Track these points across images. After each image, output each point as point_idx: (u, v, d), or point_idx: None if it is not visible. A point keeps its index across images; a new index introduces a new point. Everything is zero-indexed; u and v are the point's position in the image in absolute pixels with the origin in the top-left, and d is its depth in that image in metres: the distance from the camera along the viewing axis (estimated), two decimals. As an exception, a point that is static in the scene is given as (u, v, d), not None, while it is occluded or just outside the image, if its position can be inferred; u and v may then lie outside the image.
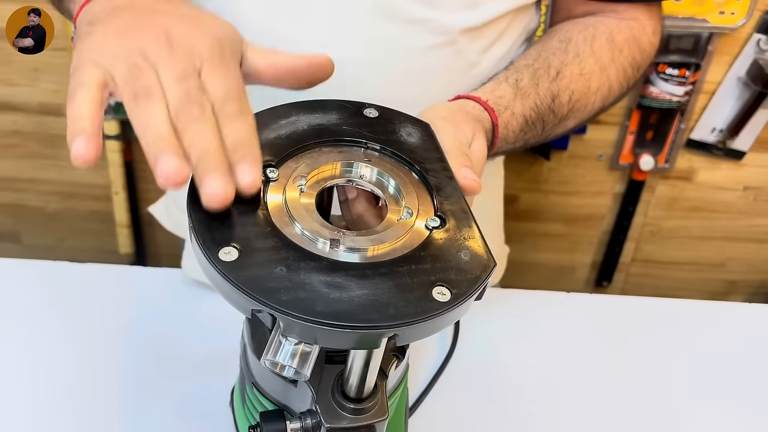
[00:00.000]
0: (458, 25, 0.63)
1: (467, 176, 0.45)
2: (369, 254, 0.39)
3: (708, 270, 1.63)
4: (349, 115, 0.46)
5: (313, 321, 0.33)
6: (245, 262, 0.35)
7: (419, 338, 0.37)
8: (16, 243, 1.56)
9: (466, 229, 0.41)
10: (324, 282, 0.35)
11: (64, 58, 1.29)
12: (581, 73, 0.65)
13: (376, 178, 0.44)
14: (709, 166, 1.47)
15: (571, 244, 1.60)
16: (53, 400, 0.66)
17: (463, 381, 0.71)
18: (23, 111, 1.37)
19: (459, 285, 0.37)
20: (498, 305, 0.80)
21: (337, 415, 0.41)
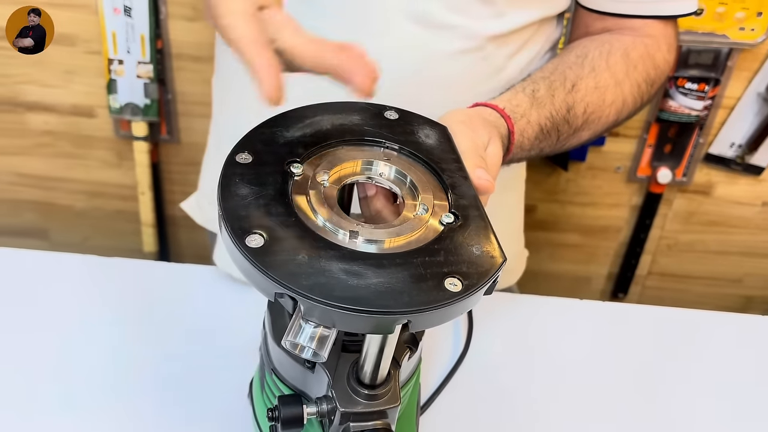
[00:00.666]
0: (486, 32, 0.66)
1: (481, 176, 0.48)
2: (386, 246, 0.41)
3: (725, 285, 1.63)
4: (371, 116, 0.49)
5: (331, 305, 0.36)
6: (270, 249, 0.38)
7: (431, 326, 0.39)
8: (45, 240, 1.61)
9: (479, 226, 0.43)
10: (343, 269, 0.38)
11: (97, 62, 1.33)
12: (596, 87, 0.67)
13: (395, 176, 0.47)
14: (727, 181, 1.47)
15: (588, 256, 1.60)
16: (81, 389, 0.69)
17: (475, 382, 0.73)
18: (56, 112, 1.41)
19: (470, 277, 0.39)
20: (512, 310, 0.82)
21: (352, 401, 0.43)
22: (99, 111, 1.41)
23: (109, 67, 1.33)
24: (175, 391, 0.69)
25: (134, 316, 0.76)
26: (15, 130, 1.44)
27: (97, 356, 0.72)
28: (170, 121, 1.41)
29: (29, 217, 1.58)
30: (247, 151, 0.44)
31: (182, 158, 1.47)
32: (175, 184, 1.51)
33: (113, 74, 1.33)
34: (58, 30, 1.30)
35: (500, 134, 0.57)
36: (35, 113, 1.42)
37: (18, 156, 1.48)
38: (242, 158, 0.43)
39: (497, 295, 0.84)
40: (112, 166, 1.48)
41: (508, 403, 0.71)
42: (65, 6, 1.28)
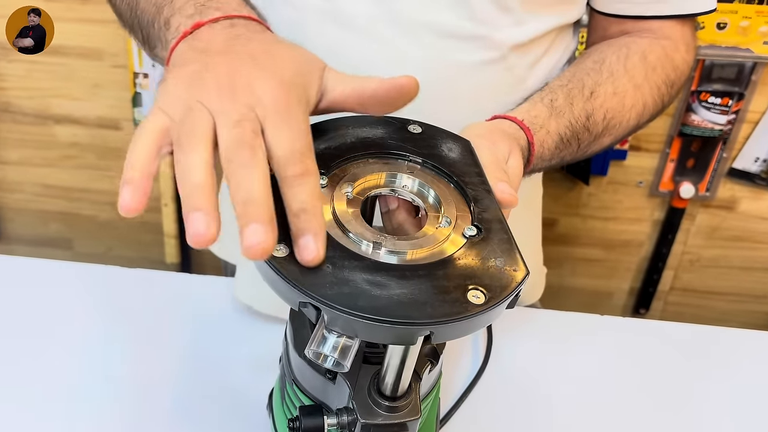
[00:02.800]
0: (508, 41, 0.66)
1: (504, 190, 0.48)
2: (408, 257, 0.41)
3: (749, 301, 1.60)
4: (394, 130, 0.50)
5: (355, 315, 0.36)
6: (295, 259, 0.38)
7: (453, 338, 0.39)
8: (69, 249, 1.63)
9: (502, 239, 0.43)
10: (366, 280, 0.38)
11: (123, 75, 1.36)
12: (615, 92, 0.67)
13: (418, 188, 0.47)
14: (751, 196, 1.45)
15: (609, 270, 1.59)
16: (101, 399, 0.70)
17: (495, 397, 0.73)
18: (82, 124, 1.44)
19: (493, 290, 0.39)
20: (532, 324, 0.82)
21: (373, 412, 0.43)
22: (124, 124, 1.43)
23: (134, 81, 1.35)
24: (194, 402, 0.69)
25: (155, 327, 0.77)
26: (43, 142, 1.47)
27: (117, 366, 0.72)
28: (193, 133, 1.42)
29: (54, 227, 1.60)
30: None
31: (205, 170, 1.49)
32: (198, 196, 1.53)
33: (138, 87, 1.36)
34: (85, 44, 1.34)
35: (520, 146, 0.57)
36: (63, 126, 1.45)
37: (45, 168, 1.51)
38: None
39: (517, 309, 0.83)
40: (136, 177, 1.50)
41: (528, 418, 0.71)
42: (93, 21, 1.31)
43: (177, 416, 0.68)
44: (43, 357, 0.73)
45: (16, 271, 0.83)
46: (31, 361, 0.72)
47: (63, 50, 1.34)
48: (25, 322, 0.76)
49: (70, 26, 1.30)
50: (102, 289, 0.81)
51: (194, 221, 0.34)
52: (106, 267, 0.84)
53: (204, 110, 0.39)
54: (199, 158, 0.37)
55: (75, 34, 1.32)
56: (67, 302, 0.79)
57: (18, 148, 1.49)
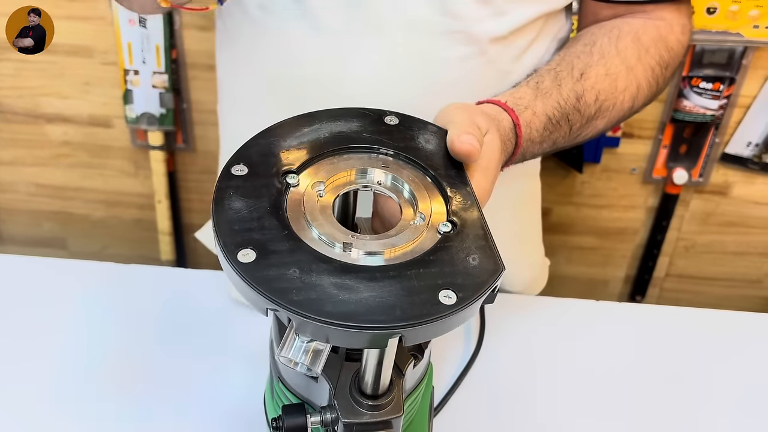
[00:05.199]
0: (487, 34, 0.64)
1: (465, 141, 0.46)
2: (379, 257, 0.40)
3: (744, 286, 1.61)
4: (370, 122, 0.48)
5: (322, 321, 0.35)
6: (261, 264, 0.38)
7: (426, 339, 0.39)
8: (63, 249, 1.62)
9: (477, 235, 0.42)
10: (334, 284, 0.37)
11: (113, 72, 1.35)
12: (607, 74, 0.66)
13: (392, 183, 0.46)
14: (744, 181, 1.45)
15: (604, 258, 1.59)
16: (97, 394, 0.69)
17: (488, 384, 0.73)
18: (74, 122, 1.43)
19: (465, 289, 0.38)
20: (525, 311, 0.82)
21: (354, 411, 0.43)
22: (116, 121, 1.42)
23: (125, 78, 1.34)
24: (192, 396, 0.69)
25: (151, 322, 0.77)
26: (35, 141, 1.46)
27: (114, 362, 0.72)
28: (186, 129, 1.42)
29: (48, 227, 1.60)
30: (243, 163, 0.43)
31: (198, 166, 1.48)
32: (192, 193, 1.52)
33: (129, 85, 1.35)
34: (75, 42, 1.33)
35: (501, 129, 0.56)
36: (54, 124, 1.44)
37: (37, 167, 1.50)
38: (238, 170, 0.43)
39: (510, 296, 0.84)
40: (129, 175, 1.50)
41: (522, 404, 0.71)
42: (82, 18, 1.30)
43: (174, 410, 0.68)
44: (41, 355, 0.72)
45: (11, 269, 0.83)
46: (29, 359, 0.72)
47: (52, 48, 1.33)
48: (23, 320, 0.76)
49: (59, 24, 1.28)
50: (98, 285, 0.81)
51: None
52: (101, 263, 0.84)
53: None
54: None
55: (64, 32, 1.31)
56: (63, 299, 0.79)
57: (9, 147, 1.48)
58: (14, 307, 0.77)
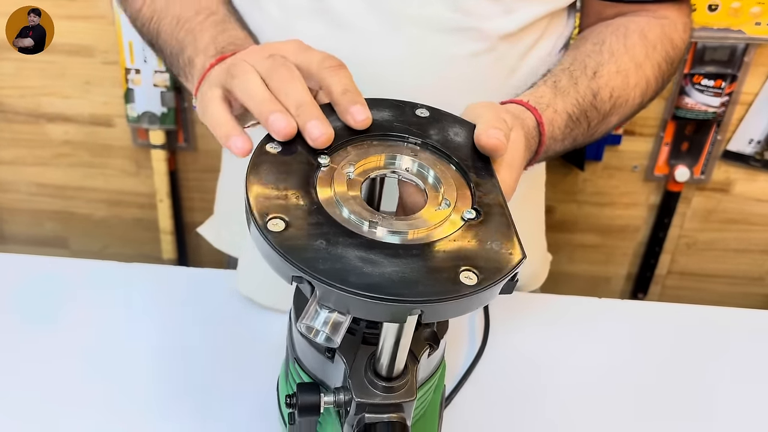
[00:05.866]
0: (497, 31, 0.66)
1: (492, 135, 0.47)
2: (403, 237, 0.41)
3: (746, 284, 1.61)
4: (401, 113, 0.50)
5: (345, 290, 0.36)
6: (290, 234, 0.39)
7: (445, 318, 0.40)
8: (65, 248, 1.63)
9: (501, 223, 0.43)
10: (359, 257, 0.38)
11: (114, 71, 1.35)
12: (618, 71, 0.67)
13: (418, 170, 0.47)
14: (746, 178, 1.45)
15: (606, 256, 1.59)
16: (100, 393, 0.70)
17: (493, 381, 0.73)
18: (75, 122, 1.43)
19: (487, 272, 0.39)
20: (529, 308, 0.82)
21: (368, 392, 0.44)
22: (117, 120, 1.42)
23: (126, 77, 1.35)
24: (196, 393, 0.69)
25: (156, 321, 0.77)
26: (36, 140, 1.46)
27: (119, 360, 0.72)
28: (187, 129, 1.42)
29: (49, 226, 1.60)
30: (275, 142, 0.45)
31: (199, 165, 1.48)
32: (193, 191, 1.52)
33: (130, 84, 1.35)
34: (76, 41, 1.33)
35: (525, 127, 0.57)
36: (55, 124, 1.44)
37: (38, 166, 1.50)
38: (272, 147, 0.45)
39: (514, 294, 0.84)
40: (130, 174, 1.50)
41: (527, 400, 0.71)
42: (83, 18, 1.30)
43: (178, 407, 0.68)
44: (44, 353, 0.72)
45: (13, 268, 0.83)
46: (32, 357, 0.72)
47: (53, 48, 1.33)
48: (25, 319, 0.76)
49: (60, 23, 1.29)
50: (101, 284, 0.81)
51: (274, 119, 0.45)
52: (104, 262, 0.84)
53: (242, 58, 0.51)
54: (255, 79, 0.48)
55: (65, 32, 1.31)
56: (66, 298, 0.79)
57: (10, 147, 1.48)
58: (16, 305, 0.77)
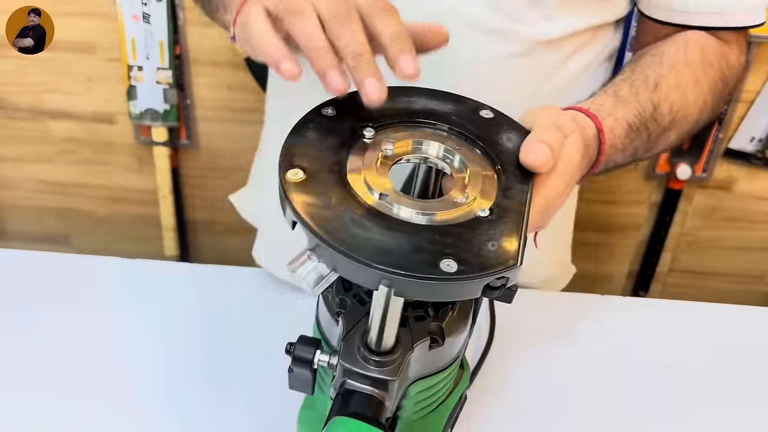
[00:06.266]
0: (535, 36, 0.66)
1: (534, 152, 0.46)
2: (406, 216, 0.43)
3: (747, 282, 1.61)
4: (464, 109, 0.51)
5: (327, 243, 0.39)
6: (305, 185, 0.42)
7: (416, 297, 0.40)
8: (67, 246, 1.63)
9: (509, 229, 0.43)
10: (353, 220, 0.41)
11: (117, 68, 1.35)
12: (677, 85, 0.66)
13: (453, 162, 0.48)
14: (748, 176, 1.46)
15: (608, 254, 1.60)
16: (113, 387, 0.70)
17: (499, 377, 0.73)
18: (77, 119, 1.44)
19: (470, 266, 0.39)
20: (535, 306, 0.82)
21: (354, 359, 0.45)
22: (119, 117, 1.43)
23: (128, 74, 1.35)
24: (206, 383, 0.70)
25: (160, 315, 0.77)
26: (38, 137, 1.47)
27: (122, 356, 0.73)
28: (189, 126, 1.42)
29: (51, 223, 1.60)
30: (332, 107, 0.48)
31: (201, 163, 1.49)
32: (195, 189, 1.53)
33: (133, 80, 1.35)
34: (78, 38, 1.33)
35: (584, 134, 0.55)
36: (58, 121, 1.44)
37: (40, 163, 1.50)
38: (326, 111, 0.48)
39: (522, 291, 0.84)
40: (132, 171, 1.50)
41: (534, 399, 0.72)
42: (85, 15, 1.30)
43: (186, 398, 0.68)
44: (47, 349, 0.73)
45: (17, 264, 0.83)
46: (35, 353, 0.72)
47: (55, 45, 1.33)
48: (30, 315, 0.76)
49: (62, 20, 1.29)
50: (105, 280, 0.81)
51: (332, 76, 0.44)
52: (107, 258, 0.84)
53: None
54: (314, 22, 0.45)
55: (67, 28, 1.31)
56: (69, 294, 0.79)
57: (13, 144, 1.48)
58: (19, 301, 0.78)
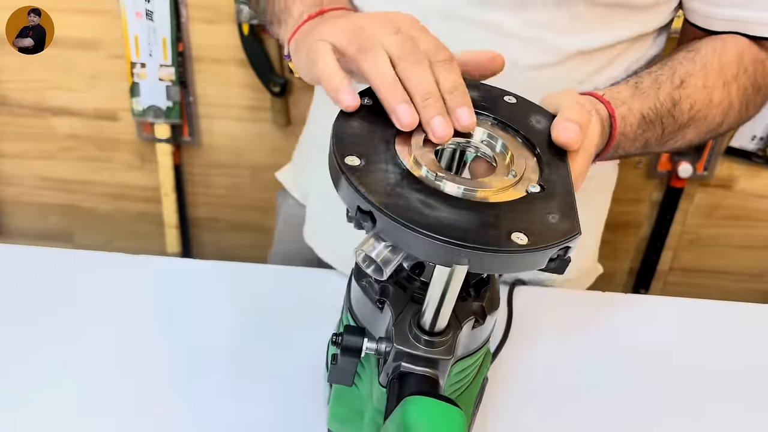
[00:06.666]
0: (569, 47, 0.65)
1: (567, 129, 0.48)
2: (466, 193, 0.44)
3: (748, 280, 1.61)
4: (491, 96, 0.53)
5: (402, 224, 0.40)
6: (364, 170, 0.43)
7: (489, 270, 0.42)
8: (70, 242, 1.63)
9: (564, 201, 0.45)
10: (420, 200, 0.42)
11: (120, 65, 1.36)
12: (704, 86, 0.65)
13: (493, 144, 0.50)
14: (749, 174, 1.46)
15: (609, 251, 1.60)
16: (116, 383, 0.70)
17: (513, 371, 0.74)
18: (80, 116, 1.44)
19: (539, 235, 0.41)
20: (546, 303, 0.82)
21: (408, 342, 0.46)
22: (122, 114, 1.43)
23: (131, 71, 1.35)
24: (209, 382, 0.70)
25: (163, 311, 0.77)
26: (41, 134, 1.47)
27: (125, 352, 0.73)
28: (192, 123, 1.43)
29: (54, 220, 1.60)
30: (368, 97, 0.49)
31: (204, 160, 1.49)
32: (197, 186, 1.53)
33: (136, 77, 1.36)
34: (81, 35, 1.33)
35: (600, 116, 0.56)
36: (60, 118, 1.44)
37: (43, 160, 1.51)
38: (365, 101, 0.49)
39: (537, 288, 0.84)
40: (135, 168, 1.50)
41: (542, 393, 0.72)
42: (88, 12, 1.30)
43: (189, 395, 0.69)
44: (50, 346, 0.73)
45: (19, 260, 0.83)
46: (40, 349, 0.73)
47: (59, 41, 1.33)
48: (33, 311, 0.77)
49: (66, 17, 1.30)
50: (107, 275, 0.82)
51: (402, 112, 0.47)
52: (109, 254, 0.84)
53: (368, 29, 0.50)
54: (385, 59, 0.48)
55: (70, 25, 1.31)
56: (71, 290, 0.79)
57: (16, 141, 1.49)
58: (21, 297, 0.78)
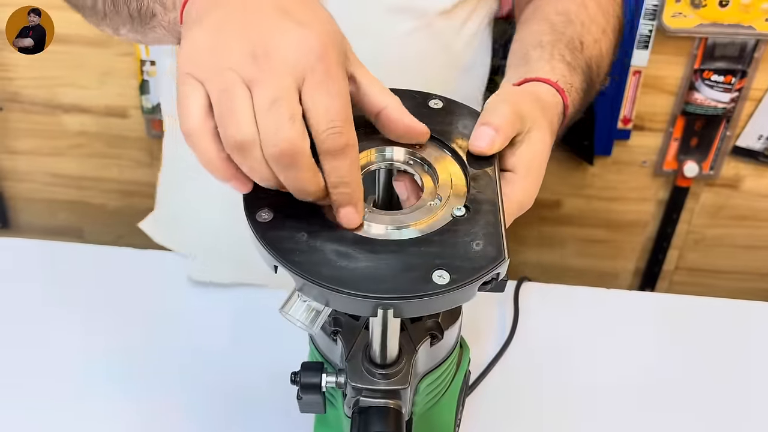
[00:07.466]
0: (435, 8, 0.66)
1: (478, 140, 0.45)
2: (386, 232, 0.42)
3: (754, 280, 1.61)
4: (414, 104, 0.49)
5: (315, 282, 0.38)
6: (276, 225, 0.41)
7: (414, 314, 0.40)
8: (79, 238, 1.64)
9: (488, 222, 0.42)
10: (335, 251, 0.39)
11: (130, 63, 1.37)
12: (595, 40, 0.66)
13: (415, 162, 0.47)
14: (755, 174, 1.46)
15: (614, 251, 1.60)
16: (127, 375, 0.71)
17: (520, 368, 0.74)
18: (91, 113, 1.45)
19: (461, 272, 0.39)
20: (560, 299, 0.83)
21: (362, 376, 0.45)
22: (132, 111, 1.44)
23: (141, 69, 1.36)
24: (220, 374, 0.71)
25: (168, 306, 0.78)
26: (52, 131, 1.48)
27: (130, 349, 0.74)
28: (200, 120, 1.43)
29: (64, 216, 1.62)
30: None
31: (212, 157, 1.50)
32: (205, 183, 1.54)
33: (146, 75, 1.37)
34: (91, 33, 1.34)
35: (552, 118, 0.54)
36: (71, 115, 1.46)
37: (53, 157, 1.52)
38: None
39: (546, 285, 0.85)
40: (144, 165, 1.52)
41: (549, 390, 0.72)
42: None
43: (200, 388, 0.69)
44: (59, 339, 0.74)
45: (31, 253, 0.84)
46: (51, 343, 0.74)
47: (69, 39, 1.35)
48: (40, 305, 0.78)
49: (75, 15, 1.31)
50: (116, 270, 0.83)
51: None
52: (119, 249, 0.85)
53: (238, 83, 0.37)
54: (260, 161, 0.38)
55: (80, 23, 1.31)
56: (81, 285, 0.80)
57: (26, 137, 1.50)
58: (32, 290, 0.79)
